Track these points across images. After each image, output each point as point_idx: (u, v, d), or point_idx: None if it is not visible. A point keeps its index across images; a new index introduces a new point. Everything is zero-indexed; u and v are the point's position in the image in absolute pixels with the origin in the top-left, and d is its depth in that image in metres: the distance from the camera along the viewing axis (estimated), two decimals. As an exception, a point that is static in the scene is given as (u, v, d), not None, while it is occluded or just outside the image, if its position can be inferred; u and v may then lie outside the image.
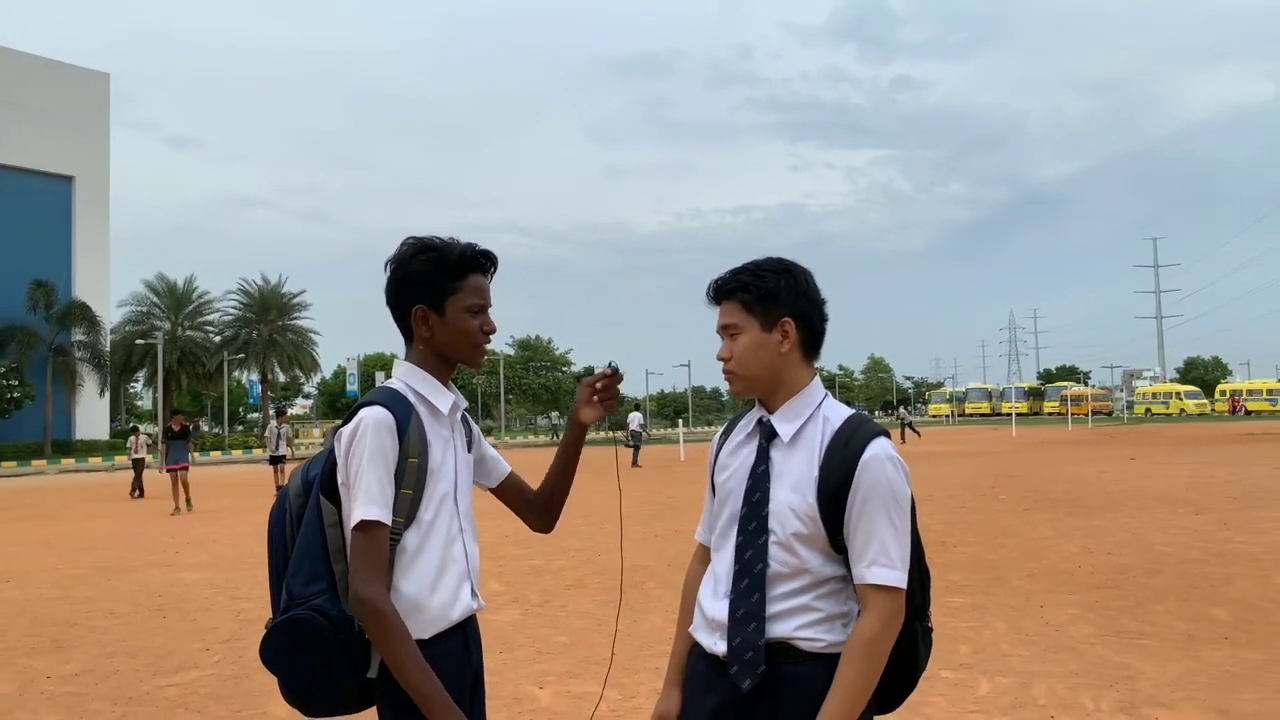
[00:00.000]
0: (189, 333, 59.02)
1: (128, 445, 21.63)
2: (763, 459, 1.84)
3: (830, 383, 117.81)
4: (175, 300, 58.56)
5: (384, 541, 1.78)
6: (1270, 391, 70.62)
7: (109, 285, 54.52)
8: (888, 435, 1.81)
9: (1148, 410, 72.94)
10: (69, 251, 52.17)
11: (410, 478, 1.82)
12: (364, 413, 1.83)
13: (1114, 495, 14.14)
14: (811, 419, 1.83)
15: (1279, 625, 5.92)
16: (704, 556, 2.05)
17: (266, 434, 22.64)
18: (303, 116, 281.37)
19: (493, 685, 4.89)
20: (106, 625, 6.95)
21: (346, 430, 1.83)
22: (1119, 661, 5.17)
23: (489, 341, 2.01)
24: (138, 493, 20.24)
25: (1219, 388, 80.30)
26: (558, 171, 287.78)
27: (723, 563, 1.85)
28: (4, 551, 11.56)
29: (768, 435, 1.85)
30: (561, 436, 2.22)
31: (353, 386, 72.81)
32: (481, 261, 1.98)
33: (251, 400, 73.10)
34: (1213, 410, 70.97)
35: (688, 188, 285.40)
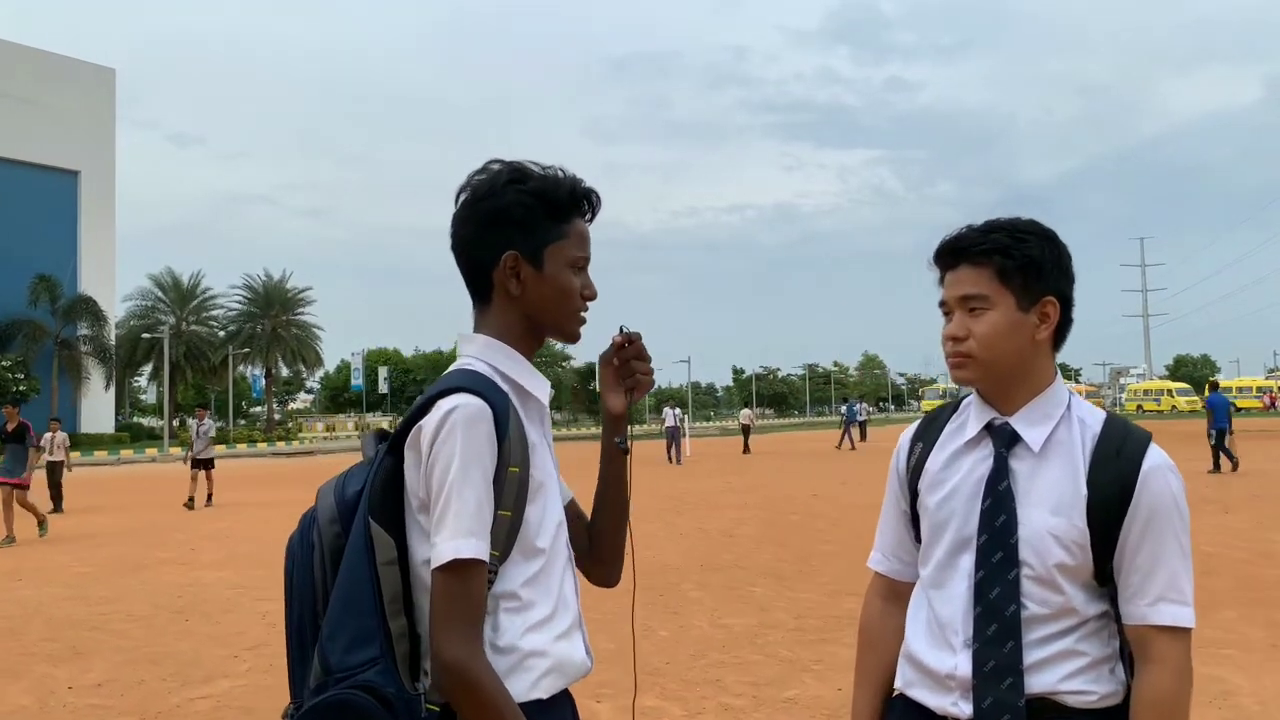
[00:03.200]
0: (193, 327, 58.96)
1: (40, 443, 15.43)
2: (1003, 472, 1.48)
3: (826, 379, 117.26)
4: (180, 295, 58.61)
5: (481, 586, 1.31)
6: (1260, 389, 70.75)
7: (114, 280, 54.31)
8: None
9: (1139, 407, 72.90)
10: (74, 246, 51.92)
11: (510, 494, 1.35)
12: (450, 402, 1.32)
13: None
14: (1064, 421, 1.49)
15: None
16: (886, 591, 1.73)
17: (190, 432, 18.26)
18: (303, 114, 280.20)
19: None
20: (126, 629, 6.65)
21: (428, 426, 1.32)
22: (1209, 674, 4.86)
23: (587, 310, 1.54)
24: (54, 506, 16.45)
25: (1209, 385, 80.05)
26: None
27: (950, 604, 1.51)
28: (15, 547, 11.31)
29: (1006, 442, 1.50)
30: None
31: (357, 381, 72.78)
32: (586, 205, 1.53)
33: (255, 395, 72.98)
34: (1204, 408, 70.92)
35: (684, 186, 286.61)
